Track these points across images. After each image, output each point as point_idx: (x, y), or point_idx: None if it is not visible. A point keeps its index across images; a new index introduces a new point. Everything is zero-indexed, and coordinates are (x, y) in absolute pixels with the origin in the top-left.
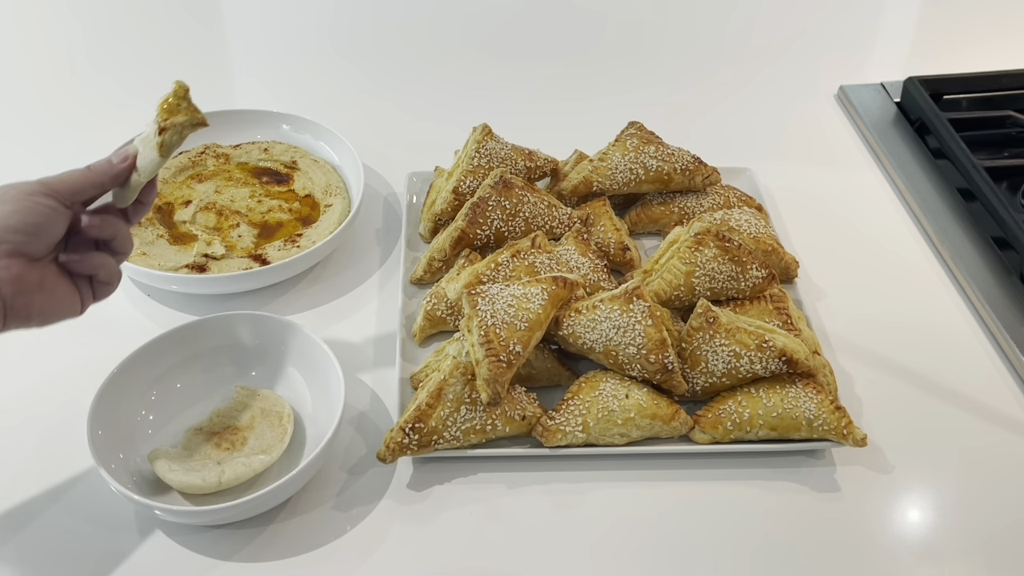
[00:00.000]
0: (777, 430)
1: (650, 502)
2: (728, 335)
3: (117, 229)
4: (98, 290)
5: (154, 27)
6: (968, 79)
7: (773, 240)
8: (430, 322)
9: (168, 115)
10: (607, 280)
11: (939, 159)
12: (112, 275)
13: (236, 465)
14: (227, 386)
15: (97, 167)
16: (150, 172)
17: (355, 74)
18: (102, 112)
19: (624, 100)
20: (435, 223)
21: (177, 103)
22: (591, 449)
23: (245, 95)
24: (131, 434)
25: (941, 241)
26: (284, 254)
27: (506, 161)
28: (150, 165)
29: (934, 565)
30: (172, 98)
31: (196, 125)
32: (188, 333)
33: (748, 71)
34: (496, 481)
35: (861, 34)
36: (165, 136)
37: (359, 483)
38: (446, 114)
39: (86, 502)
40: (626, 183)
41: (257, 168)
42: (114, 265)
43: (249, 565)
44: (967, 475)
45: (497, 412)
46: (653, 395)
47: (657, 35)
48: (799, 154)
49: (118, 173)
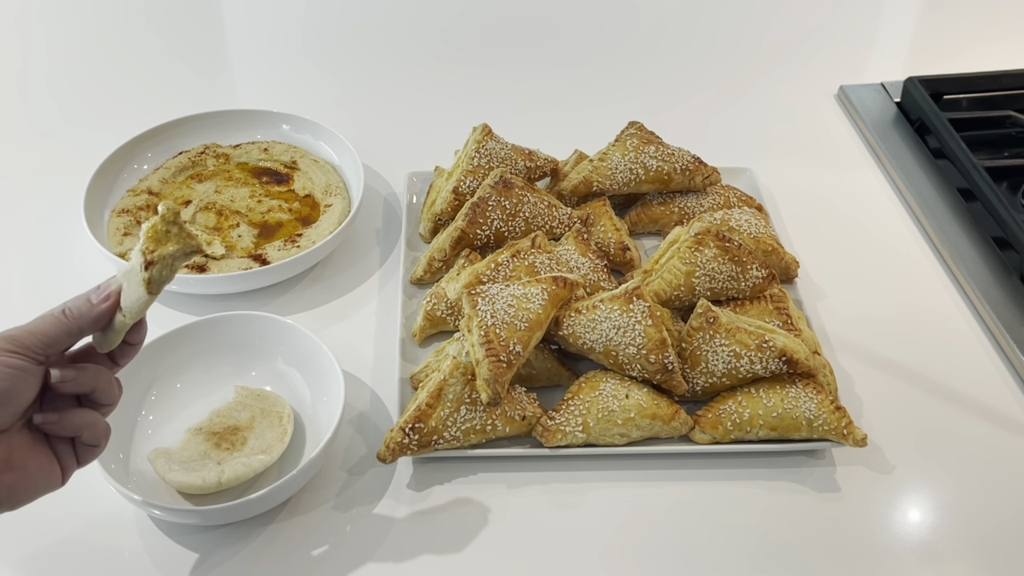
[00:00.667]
0: (777, 430)
1: (650, 502)
2: (728, 335)
3: (98, 379)
4: (83, 453)
5: (154, 27)
6: (968, 79)
7: (773, 240)
8: (430, 322)
9: (156, 244)
10: (607, 280)
11: (939, 159)
12: (98, 434)
13: (236, 465)
14: (227, 386)
15: (74, 310)
16: (137, 312)
17: (355, 74)
18: (102, 112)
19: (624, 100)
20: (435, 223)
21: (166, 229)
22: (591, 449)
23: (245, 95)
24: (131, 434)
25: (941, 241)
26: (284, 254)
27: (506, 161)
28: (136, 304)
29: (934, 565)
30: (160, 223)
31: (190, 253)
32: (188, 333)
33: (748, 71)
34: (496, 481)
35: (861, 34)
36: (153, 271)
37: (359, 483)
38: (446, 114)
39: (86, 502)
40: (626, 183)
41: (257, 168)
42: (101, 423)
43: (249, 565)
44: (967, 475)
45: (497, 412)
46: (653, 395)
47: (657, 35)
48: (799, 154)
49: (98, 316)
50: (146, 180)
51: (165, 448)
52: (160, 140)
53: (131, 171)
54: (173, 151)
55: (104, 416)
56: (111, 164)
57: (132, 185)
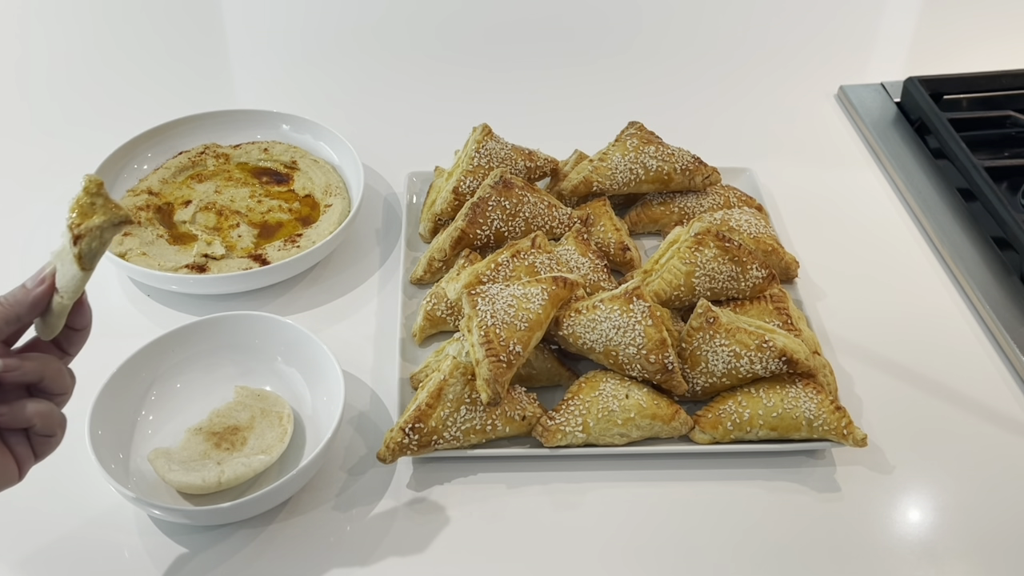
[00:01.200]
0: (777, 430)
1: (650, 502)
2: (728, 335)
3: (45, 367)
4: (39, 445)
5: (154, 27)
6: (968, 79)
7: (773, 240)
8: (430, 322)
9: (82, 218)
10: (607, 280)
11: (939, 159)
12: (52, 424)
13: (236, 465)
14: (227, 386)
15: (9, 298)
16: (74, 291)
17: (355, 74)
18: (102, 112)
19: (624, 100)
20: (435, 223)
21: (91, 202)
22: (591, 449)
23: (245, 95)
24: (131, 434)
25: (941, 241)
26: (284, 254)
27: (506, 161)
28: (72, 283)
29: (934, 565)
30: (84, 196)
31: (119, 224)
32: (188, 333)
33: (748, 71)
34: (496, 481)
35: (861, 34)
36: (82, 244)
37: (359, 483)
38: (446, 114)
39: (86, 502)
40: (626, 183)
41: (257, 168)
42: (55, 412)
43: (249, 565)
44: (967, 475)
45: (497, 412)
46: (653, 395)
47: (657, 35)
48: (799, 154)
49: (35, 300)
50: (146, 180)
51: (165, 448)
52: (160, 140)
53: (131, 171)
54: (173, 151)
55: (59, 406)
56: (111, 164)
57: (132, 185)
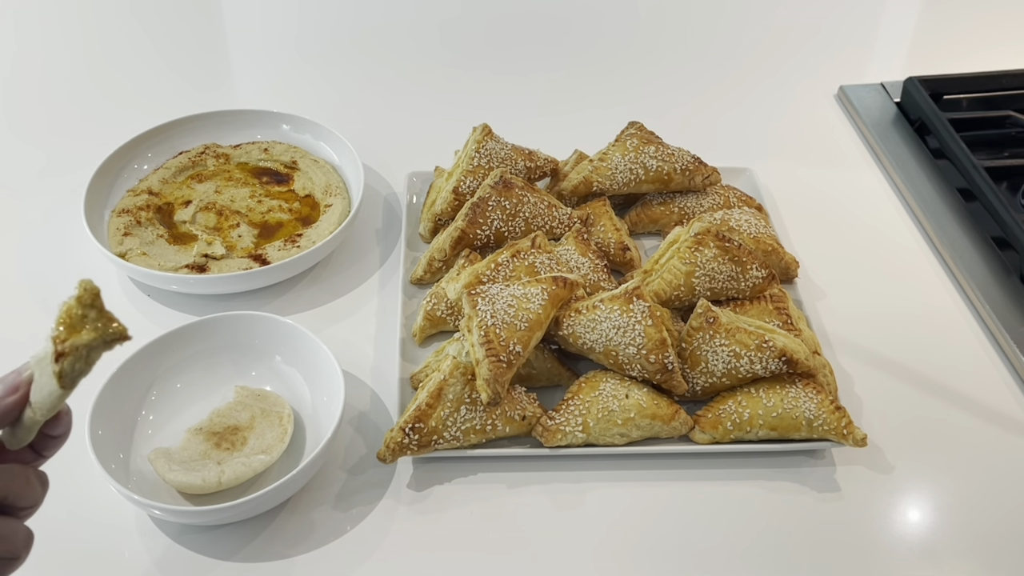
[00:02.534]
0: (777, 430)
1: (650, 502)
2: (728, 335)
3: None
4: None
5: (154, 27)
6: (968, 79)
7: (773, 240)
8: (430, 322)
9: (68, 332)
10: (607, 280)
11: (939, 159)
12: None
13: (236, 465)
14: (227, 386)
15: None
16: (49, 408)
17: (355, 74)
18: (102, 112)
19: (624, 100)
20: (435, 223)
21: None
22: (591, 449)
23: (245, 95)
24: (131, 434)
25: (941, 241)
26: (284, 254)
27: (506, 161)
28: (49, 399)
29: (934, 565)
30: (75, 305)
31: (110, 343)
32: (188, 333)
33: (748, 71)
34: (496, 481)
35: (861, 34)
36: (64, 363)
37: (359, 483)
38: (446, 114)
39: (86, 502)
40: (626, 183)
41: (257, 168)
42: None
43: (249, 565)
44: (967, 475)
45: (497, 412)
46: (653, 395)
47: (657, 35)
48: (799, 154)
49: (3, 411)
50: (146, 180)
51: (165, 448)
52: (160, 140)
53: (131, 171)
54: (173, 151)
55: (23, 519)
56: (111, 164)
57: (132, 185)
